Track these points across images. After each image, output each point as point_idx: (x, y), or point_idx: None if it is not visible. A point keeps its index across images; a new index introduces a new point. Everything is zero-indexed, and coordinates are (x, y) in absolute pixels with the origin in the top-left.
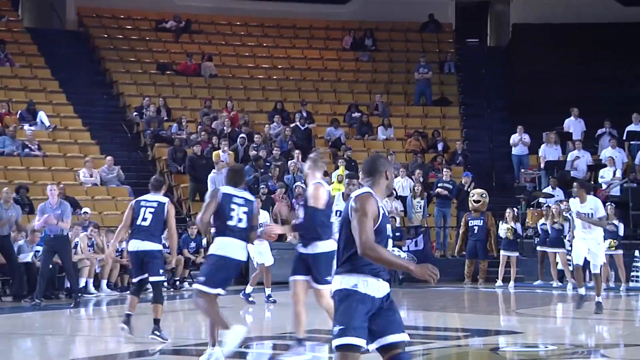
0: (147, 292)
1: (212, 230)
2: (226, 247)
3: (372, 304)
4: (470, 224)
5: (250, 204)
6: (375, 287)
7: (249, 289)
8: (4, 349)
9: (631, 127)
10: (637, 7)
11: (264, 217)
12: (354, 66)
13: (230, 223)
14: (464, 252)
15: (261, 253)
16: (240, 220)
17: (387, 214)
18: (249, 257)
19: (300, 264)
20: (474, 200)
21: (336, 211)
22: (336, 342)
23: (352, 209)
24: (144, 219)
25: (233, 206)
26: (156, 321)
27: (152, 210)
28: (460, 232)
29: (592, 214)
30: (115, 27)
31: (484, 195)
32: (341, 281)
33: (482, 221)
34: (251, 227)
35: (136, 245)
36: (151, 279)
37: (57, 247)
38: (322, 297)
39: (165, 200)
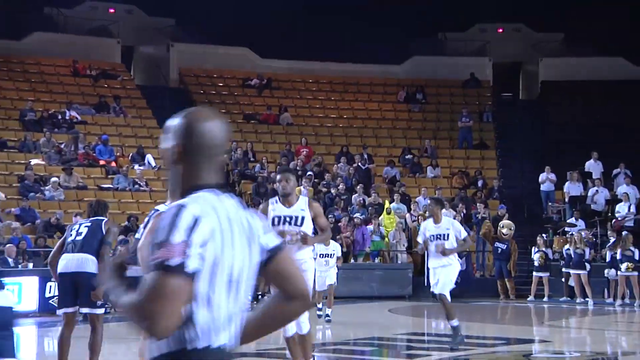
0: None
1: None
2: None
3: None
4: (495, 245)
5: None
6: None
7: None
8: (119, 350)
9: None
10: None
11: (332, 248)
12: (407, 116)
13: None
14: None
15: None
16: None
17: None
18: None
19: None
20: (502, 233)
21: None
22: None
23: None
24: None
25: None
26: None
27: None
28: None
29: (447, 234)
30: (209, 85)
31: (512, 229)
32: None
33: (506, 246)
34: None
35: None
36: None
37: None
38: None
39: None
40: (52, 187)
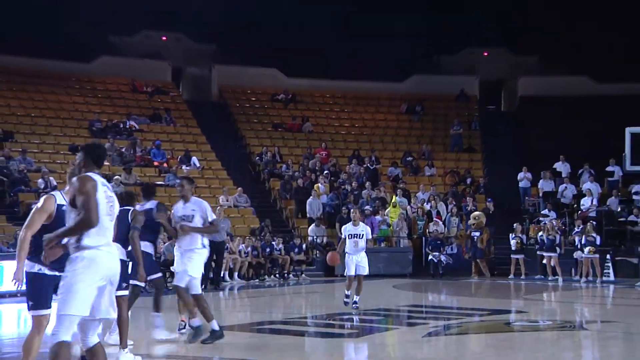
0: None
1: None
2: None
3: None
4: (472, 234)
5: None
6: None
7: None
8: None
9: (608, 168)
10: (607, 84)
11: (361, 229)
12: (408, 125)
13: None
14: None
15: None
16: None
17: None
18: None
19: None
20: (470, 223)
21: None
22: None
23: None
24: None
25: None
26: None
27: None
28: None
29: (193, 215)
30: (244, 99)
31: (477, 218)
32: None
33: (480, 233)
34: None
35: None
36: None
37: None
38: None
39: None
40: (114, 184)
